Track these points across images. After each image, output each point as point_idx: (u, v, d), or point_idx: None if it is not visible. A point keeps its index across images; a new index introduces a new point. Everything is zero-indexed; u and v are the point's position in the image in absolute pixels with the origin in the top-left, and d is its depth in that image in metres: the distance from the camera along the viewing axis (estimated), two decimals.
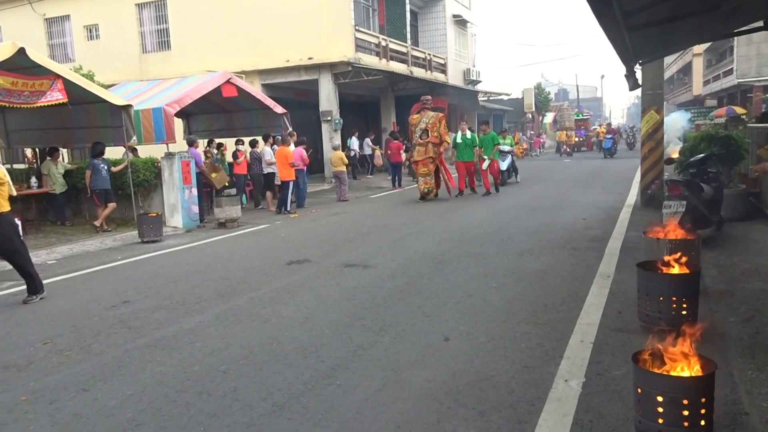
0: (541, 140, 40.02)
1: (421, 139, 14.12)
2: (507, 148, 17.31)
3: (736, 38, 27.59)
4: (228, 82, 13.25)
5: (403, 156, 17.69)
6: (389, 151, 18.95)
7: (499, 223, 10.13)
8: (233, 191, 12.26)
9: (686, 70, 46.74)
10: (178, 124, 14.77)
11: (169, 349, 4.56)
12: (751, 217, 8.76)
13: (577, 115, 41.82)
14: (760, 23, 9.31)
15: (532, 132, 39.57)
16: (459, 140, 14.89)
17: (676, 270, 4.34)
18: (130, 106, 11.10)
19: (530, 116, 41.31)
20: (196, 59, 20.09)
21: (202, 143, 13.91)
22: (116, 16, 22.25)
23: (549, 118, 47.25)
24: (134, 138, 11.47)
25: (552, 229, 9.24)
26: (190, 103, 12.75)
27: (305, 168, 14.12)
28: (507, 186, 16.61)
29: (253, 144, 14.42)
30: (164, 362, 4.30)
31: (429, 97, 15.25)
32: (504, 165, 16.90)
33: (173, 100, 12.13)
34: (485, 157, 15.06)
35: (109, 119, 11.57)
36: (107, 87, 13.75)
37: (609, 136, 30.58)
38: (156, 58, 21.93)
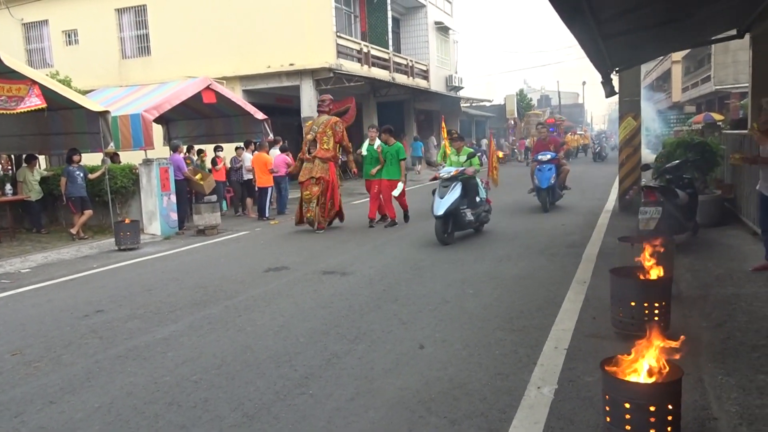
0: (526, 144, 39.95)
1: (308, 153, 10.87)
2: (548, 155, 12.05)
3: (713, 46, 28.05)
4: (208, 88, 13.18)
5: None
6: None
7: None
8: (213, 197, 12.20)
9: (665, 77, 47.40)
10: (158, 131, 14.66)
11: (140, 360, 4.49)
12: (725, 223, 8.86)
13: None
14: (734, 32, 9.50)
15: (513, 137, 39.68)
16: (365, 152, 11.26)
17: (648, 276, 4.37)
18: (107, 112, 10.97)
19: (512, 122, 41.52)
20: (177, 65, 19.97)
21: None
22: (95, 21, 22.08)
23: None
24: (111, 144, 11.35)
25: (531, 234, 9.29)
26: (170, 109, 12.67)
27: (286, 174, 14.07)
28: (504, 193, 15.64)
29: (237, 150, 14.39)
30: (135, 373, 4.23)
31: (328, 96, 11.71)
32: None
33: (152, 106, 12.05)
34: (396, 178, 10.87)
35: (86, 125, 11.43)
36: (85, 93, 13.62)
37: (546, 156, 12.55)
38: (136, 63, 21.78)
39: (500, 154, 33.68)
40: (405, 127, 28.26)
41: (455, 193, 8.79)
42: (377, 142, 11.16)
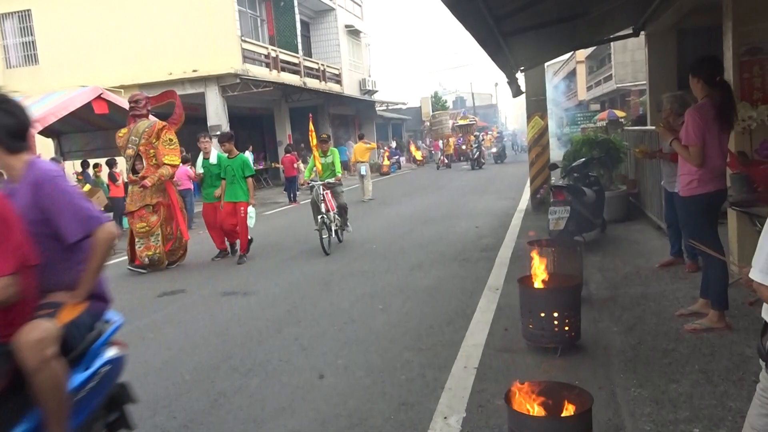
0: (440, 145, 40.25)
1: (133, 173, 8.62)
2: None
3: (613, 46, 29.30)
4: (99, 97, 12.19)
5: (302, 167, 16.95)
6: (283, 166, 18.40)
7: (392, 236, 9.85)
8: (109, 215, 11.30)
9: (572, 76, 49.32)
10: (47, 145, 13.50)
11: None
12: (632, 218, 8.98)
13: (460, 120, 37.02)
14: (630, 30, 9.67)
15: (430, 139, 39.93)
16: (201, 168, 9.28)
17: (556, 284, 4.16)
18: None
19: (428, 124, 41.84)
20: (69, 74, 18.59)
21: (72, 164, 12.76)
22: None
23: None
24: None
25: (445, 240, 9.07)
26: (58, 121, 11.62)
27: (192, 187, 13.29)
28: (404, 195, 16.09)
29: None
30: None
31: (142, 95, 9.39)
32: None
33: (34, 119, 10.97)
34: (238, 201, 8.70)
35: None
36: None
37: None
38: (22, 73, 20.14)
39: (419, 156, 33.68)
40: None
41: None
42: (214, 155, 9.05)
